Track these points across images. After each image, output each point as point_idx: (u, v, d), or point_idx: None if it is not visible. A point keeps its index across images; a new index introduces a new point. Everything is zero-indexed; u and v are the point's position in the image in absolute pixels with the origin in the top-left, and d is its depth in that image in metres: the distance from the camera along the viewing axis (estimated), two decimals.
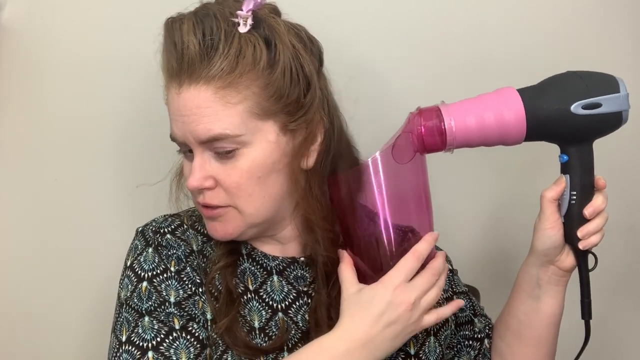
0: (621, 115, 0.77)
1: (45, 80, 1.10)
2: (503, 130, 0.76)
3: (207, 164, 0.76)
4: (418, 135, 0.76)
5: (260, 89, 0.74)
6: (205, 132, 0.74)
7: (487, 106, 0.76)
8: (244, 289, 0.82)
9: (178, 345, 0.75)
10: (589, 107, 0.76)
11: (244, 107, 0.74)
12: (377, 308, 0.73)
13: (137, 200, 0.94)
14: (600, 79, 0.78)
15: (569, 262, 0.83)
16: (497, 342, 0.92)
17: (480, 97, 0.78)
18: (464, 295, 0.96)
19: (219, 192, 0.77)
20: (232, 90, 0.73)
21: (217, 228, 0.80)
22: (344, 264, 0.78)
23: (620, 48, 1.15)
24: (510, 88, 0.77)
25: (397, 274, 0.74)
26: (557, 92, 0.77)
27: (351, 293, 0.76)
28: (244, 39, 0.74)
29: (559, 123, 0.77)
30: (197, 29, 0.73)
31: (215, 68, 0.72)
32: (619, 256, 1.20)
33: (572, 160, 0.80)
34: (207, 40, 0.73)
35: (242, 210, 0.78)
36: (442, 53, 1.12)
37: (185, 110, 0.74)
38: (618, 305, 1.23)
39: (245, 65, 0.73)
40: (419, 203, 0.80)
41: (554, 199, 0.81)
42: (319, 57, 0.82)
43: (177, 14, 0.77)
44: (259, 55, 0.74)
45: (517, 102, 0.76)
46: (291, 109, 0.77)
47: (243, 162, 0.75)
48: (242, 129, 0.74)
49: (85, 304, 1.15)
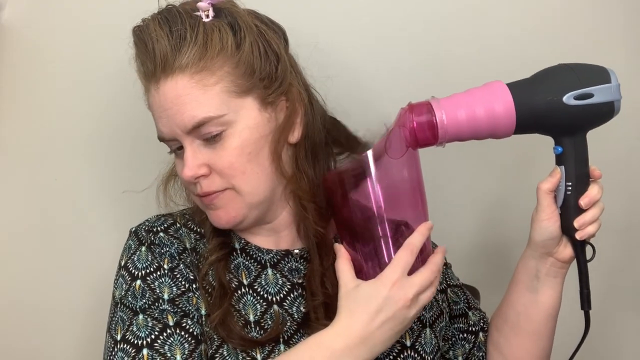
0: (613, 105, 0.77)
1: (45, 80, 1.10)
2: (493, 122, 0.77)
3: (198, 153, 0.79)
4: (410, 130, 0.77)
5: (233, 67, 0.78)
6: (191, 119, 0.77)
7: (477, 99, 0.77)
8: (238, 284, 0.83)
9: (172, 342, 0.76)
10: (581, 97, 0.76)
11: (220, 87, 0.77)
12: (375, 304, 0.73)
13: (138, 200, 0.94)
14: (591, 69, 0.78)
15: (567, 253, 0.83)
16: (494, 335, 0.93)
17: (470, 91, 0.78)
18: (457, 288, 0.96)
19: (214, 178, 0.79)
20: (207, 73, 0.77)
21: (219, 215, 0.81)
22: (342, 259, 0.79)
23: (617, 45, 1.14)
24: (499, 81, 0.78)
25: (394, 270, 0.74)
26: (549, 83, 0.77)
27: (349, 289, 0.76)
28: (209, 26, 0.78)
29: (552, 114, 0.77)
30: (163, 25, 0.77)
31: (186, 56, 0.76)
32: (618, 255, 1.19)
33: (566, 152, 0.80)
34: (174, 33, 0.77)
35: (239, 190, 0.80)
36: (434, 50, 1.12)
37: (167, 103, 0.77)
38: (617, 305, 1.22)
39: (214, 49, 0.77)
40: (413, 197, 0.80)
41: (549, 190, 0.81)
42: (284, 37, 0.87)
43: (142, 19, 0.80)
44: (225, 37, 0.78)
45: (506, 94, 0.76)
46: (266, 82, 0.80)
47: (232, 142, 0.78)
48: (223, 108, 0.77)
49: (85, 303, 1.15)
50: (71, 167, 1.12)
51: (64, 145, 1.12)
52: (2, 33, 1.07)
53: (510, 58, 1.10)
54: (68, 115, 1.11)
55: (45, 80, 1.10)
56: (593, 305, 0.83)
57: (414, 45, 1.12)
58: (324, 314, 0.81)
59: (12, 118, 1.11)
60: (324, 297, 0.81)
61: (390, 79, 1.13)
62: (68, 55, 1.09)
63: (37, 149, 1.12)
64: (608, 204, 0.82)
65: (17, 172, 1.12)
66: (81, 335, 1.15)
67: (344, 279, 0.77)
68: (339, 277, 0.78)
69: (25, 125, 1.11)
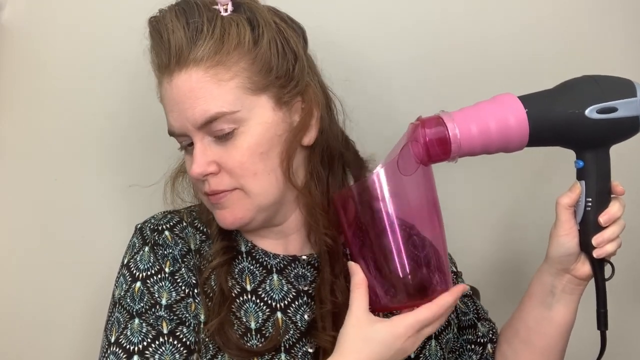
0: (638, 120, 0.75)
1: (45, 80, 1.10)
2: (506, 136, 0.74)
3: (208, 150, 0.77)
4: (423, 146, 0.74)
5: (249, 64, 0.76)
6: (203, 113, 0.75)
7: (488, 113, 0.74)
8: (241, 290, 0.82)
9: (164, 351, 0.75)
10: (604, 111, 0.74)
11: (235, 83, 0.75)
12: (386, 353, 0.72)
13: (139, 199, 0.94)
14: (616, 82, 0.76)
15: (585, 270, 0.80)
16: (503, 347, 0.91)
17: (480, 105, 0.75)
18: (468, 298, 0.95)
19: (223, 176, 0.78)
20: (222, 68, 0.75)
21: (225, 215, 0.79)
22: (359, 286, 0.74)
23: (617, 45, 1.10)
24: (509, 94, 0.76)
25: (414, 324, 0.72)
26: (572, 95, 0.75)
27: (362, 323, 0.73)
28: (227, 20, 0.76)
29: (574, 127, 0.75)
30: (180, 17, 0.76)
31: (202, 49, 0.74)
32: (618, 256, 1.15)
33: (587, 166, 0.78)
34: (191, 25, 0.75)
35: (248, 191, 0.78)
36: (445, 59, 1.10)
37: (180, 97, 0.76)
38: (626, 310, 1.18)
39: (231, 43, 0.75)
40: (428, 215, 0.77)
41: (569, 205, 0.79)
42: (303, 36, 0.84)
43: (159, 10, 0.79)
44: (243, 32, 0.76)
45: (518, 107, 0.74)
46: (283, 81, 0.78)
47: (243, 140, 0.76)
48: (237, 105, 0.75)
49: (85, 303, 1.15)
50: (71, 167, 1.12)
51: (64, 145, 1.11)
52: (2, 33, 1.07)
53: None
54: (68, 115, 1.10)
55: (45, 80, 1.10)
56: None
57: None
58: (332, 323, 0.79)
59: (12, 118, 1.11)
60: (332, 306, 0.80)
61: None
62: (68, 55, 1.08)
63: (37, 149, 1.12)
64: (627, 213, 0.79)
65: (17, 172, 1.12)
66: (83, 334, 1.16)
67: (359, 309, 0.73)
68: (351, 304, 0.74)
69: (25, 125, 1.11)
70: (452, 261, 0.97)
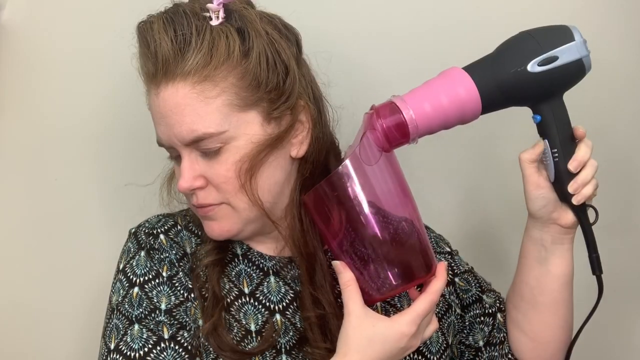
0: (582, 62, 0.76)
1: (45, 80, 1.09)
2: (459, 108, 0.75)
3: (195, 164, 0.76)
4: (381, 133, 0.76)
5: (237, 79, 0.74)
6: (189, 132, 0.74)
7: (438, 89, 0.75)
8: (239, 293, 0.81)
9: (165, 357, 0.74)
10: (546, 62, 0.75)
11: (222, 100, 0.74)
12: (390, 352, 0.72)
13: (139, 199, 0.92)
14: (551, 31, 0.76)
15: (569, 218, 0.81)
16: (512, 313, 0.91)
17: (429, 83, 0.77)
18: (467, 273, 0.94)
19: (210, 190, 0.77)
20: (209, 84, 0.73)
21: (213, 227, 0.79)
22: (348, 282, 0.74)
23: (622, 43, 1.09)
24: (454, 67, 0.77)
25: (415, 318, 0.72)
26: (512, 54, 0.76)
27: (363, 322, 0.72)
28: (216, 31, 0.74)
29: (520, 85, 0.76)
30: (168, 26, 0.74)
31: (189, 63, 0.73)
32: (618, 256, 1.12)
33: (545, 118, 0.79)
34: (179, 36, 0.73)
35: (235, 206, 0.77)
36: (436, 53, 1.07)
37: (166, 111, 0.75)
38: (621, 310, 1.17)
39: (220, 57, 0.73)
40: (400, 199, 0.78)
41: (530, 160, 0.80)
42: (297, 44, 0.82)
43: (148, 15, 0.77)
44: (232, 45, 0.74)
45: (465, 77, 0.75)
46: (272, 96, 0.76)
47: (230, 156, 0.75)
48: (224, 125, 0.74)
49: (85, 303, 1.13)
50: (71, 167, 1.11)
51: (64, 145, 1.10)
52: (2, 33, 1.05)
53: None
54: (68, 115, 1.09)
55: (45, 80, 1.08)
56: (598, 311, 0.81)
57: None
58: (320, 335, 0.79)
59: (12, 118, 1.09)
60: (317, 320, 0.79)
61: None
62: (68, 55, 1.08)
63: (37, 149, 1.10)
64: (608, 204, 0.80)
65: (17, 172, 1.11)
66: (81, 335, 1.14)
67: (356, 309, 0.73)
68: (346, 303, 0.73)
69: (25, 125, 1.09)
70: (445, 241, 0.97)
